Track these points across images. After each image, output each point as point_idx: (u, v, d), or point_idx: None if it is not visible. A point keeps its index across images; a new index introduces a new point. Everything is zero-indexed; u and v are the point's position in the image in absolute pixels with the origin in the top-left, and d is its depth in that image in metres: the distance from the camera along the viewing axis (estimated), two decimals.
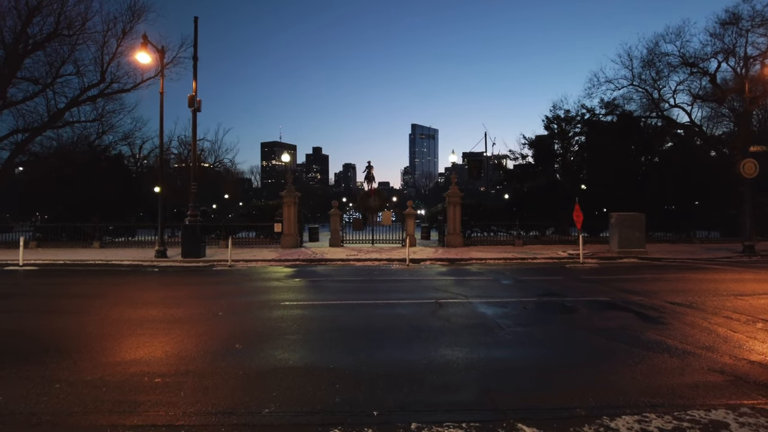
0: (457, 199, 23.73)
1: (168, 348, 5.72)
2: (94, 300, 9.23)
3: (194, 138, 20.16)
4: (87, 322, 7.15)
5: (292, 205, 23.49)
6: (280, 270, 14.93)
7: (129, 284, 11.94)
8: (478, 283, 11.67)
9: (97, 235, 24.04)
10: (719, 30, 25.75)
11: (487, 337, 6.15)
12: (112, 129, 30.92)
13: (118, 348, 5.74)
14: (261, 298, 9.44)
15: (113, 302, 8.95)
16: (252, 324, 7.02)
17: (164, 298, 9.59)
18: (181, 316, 7.62)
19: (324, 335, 6.33)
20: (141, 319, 7.35)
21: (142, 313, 7.82)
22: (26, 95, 27.29)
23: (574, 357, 5.34)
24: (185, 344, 5.88)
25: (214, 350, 5.61)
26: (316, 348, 5.75)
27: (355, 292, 10.48)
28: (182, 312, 7.92)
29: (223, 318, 7.46)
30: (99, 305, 8.55)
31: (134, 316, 7.58)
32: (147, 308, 8.29)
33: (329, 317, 7.53)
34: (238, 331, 6.53)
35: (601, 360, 5.19)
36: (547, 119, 28.36)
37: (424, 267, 15.73)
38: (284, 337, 6.20)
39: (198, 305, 8.53)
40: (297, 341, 6.03)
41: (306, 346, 5.81)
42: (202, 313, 7.78)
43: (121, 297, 9.64)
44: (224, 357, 5.34)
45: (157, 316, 7.65)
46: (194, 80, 19.42)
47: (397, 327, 6.73)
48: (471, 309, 8.05)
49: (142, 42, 18.19)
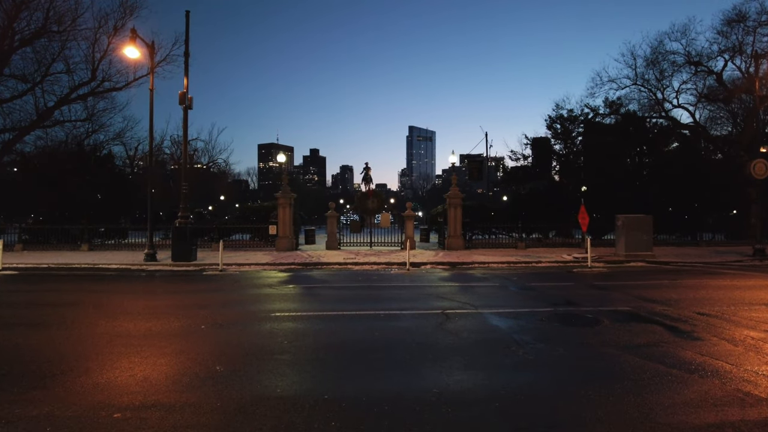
0: (458, 200, 22.99)
1: (138, 371, 4.93)
2: (67, 310, 8.41)
3: (185, 136, 19.36)
4: (51, 339, 6.35)
5: (287, 206, 22.70)
6: (274, 275, 14.15)
7: (110, 291, 11.13)
8: (485, 290, 10.91)
9: (86, 238, 23.18)
10: (725, 28, 25.20)
11: (506, 358, 5.38)
12: (103, 128, 30.11)
13: (79, 372, 4.94)
14: (250, 308, 8.65)
15: (87, 313, 8.15)
16: (237, 340, 6.24)
17: (145, 308, 8.78)
18: (159, 330, 6.84)
19: (318, 355, 5.55)
20: (115, 334, 6.56)
21: (117, 326, 7.03)
22: (14, 93, 26.46)
23: (610, 382, 4.56)
24: (158, 366, 5.10)
25: (190, 374, 4.83)
26: (308, 371, 4.98)
27: (353, 301, 9.70)
28: (162, 325, 7.13)
29: (206, 332, 6.68)
30: (71, 317, 7.75)
31: (108, 330, 6.79)
32: (124, 320, 7.49)
33: (324, 332, 6.75)
34: (221, 350, 5.76)
35: (642, 386, 4.43)
36: (549, 119, 27.66)
37: (425, 271, 14.98)
38: (273, 358, 5.42)
39: (180, 316, 7.75)
40: (287, 362, 5.26)
41: (297, 369, 5.03)
42: (184, 327, 7.00)
43: (97, 306, 8.83)
44: (201, 383, 4.56)
45: (133, 330, 6.86)
46: (186, 77, 18.64)
47: (401, 344, 5.95)
48: (482, 321, 7.29)
49: (131, 36, 17.39)
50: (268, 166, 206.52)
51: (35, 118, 27.26)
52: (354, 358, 5.40)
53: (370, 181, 57.44)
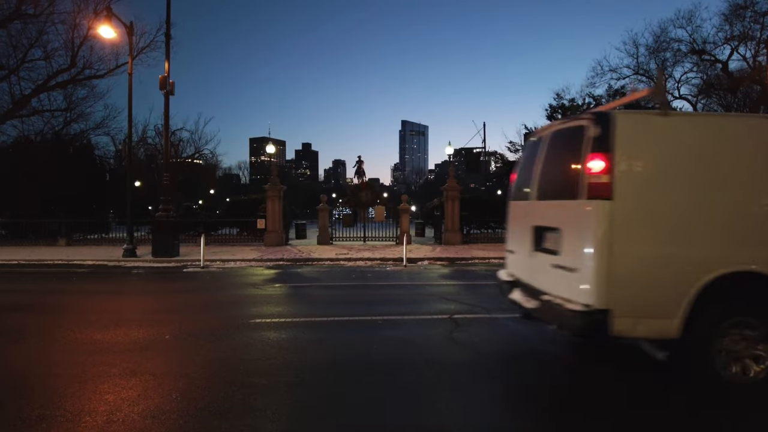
0: (455, 192, 21.89)
1: (61, 404, 3.79)
2: (11, 315, 7.21)
3: (166, 124, 18.04)
4: None
5: (276, 199, 21.46)
6: (260, 272, 13.00)
7: (74, 291, 9.93)
8: (492, 289, 9.78)
9: (64, 232, 21.86)
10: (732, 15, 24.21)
11: (545, 382, 4.28)
12: (83, 117, 28.56)
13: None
14: (228, 313, 7.48)
15: (33, 318, 6.95)
16: (205, 356, 5.10)
17: (106, 312, 7.59)
18: (113, 341, 5.68)
19: (301, 377, 4.42)
20: (54, 347, 5.40)
21: (60, 338, 5.86)
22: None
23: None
24: (92, 396, 3.95)
25: (135, 410, 3.70)
26: (287, 406, 3.85)
27: (346, 302, 8.57)
28: (118, 335, 5.97)
29: (169, 345, 5.54)
30: (11, 324, 6.56)
31: (48, 342, 5.63)
32: (75, 328, 6.31)
33: (311, 345, 5.60)
34: (183, 370, 4.62)
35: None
36: (550, 108, 26.65)
37: (423, 268, 13.90)
38: (243, 383, 4.28)
39: (144, 323, 6.59)
40: (261, 390, 4.12)
41: (273, 403, 3.90)
42: (144, 338, 5.85)
43: (50, 310, 7.65)
44: (140, 426, 3.43)
45: (81, 341, 5.70)
46: (167, 60, 17.32)
47: (407, 363, 4.83)
48: (499, 329, 6.22)
49: (106, 15, 16.07)
50: (260, 160, 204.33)
51: (11, 107, 25.84)
52: (347, 384, 4.29)
53: (363, 175, 56.44)
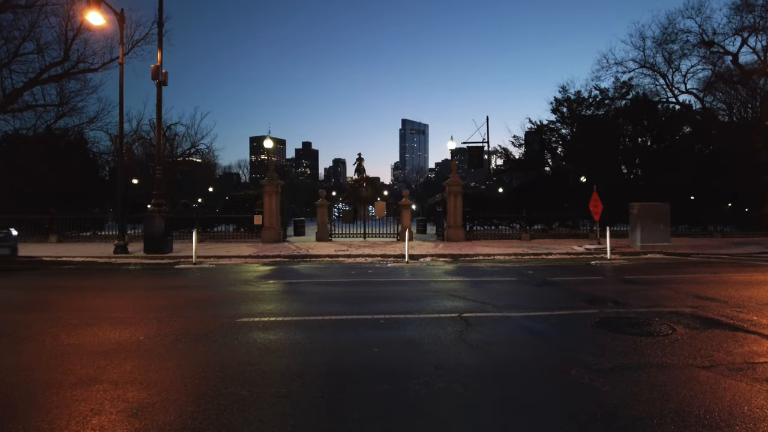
0: (458, 188, 21.29)
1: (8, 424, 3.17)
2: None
3: (159, 116, 17.38)
4: None
5: (274, 194, 20.86)
6: (254, 269, 12.37)
7: (54, 288, 9.30)
8: (502, 286, 9.22)
9: (55, 229, 21.25)
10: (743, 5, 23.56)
11: (571, 392, 3.66)
12: (75, 111, 27.91)
13: None
14: (213, 312, 6.83)
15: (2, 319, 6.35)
16: (177, 362, 4.46)
17: (83, 310, 6.95)
18: (81, 344, 5.05)
19: (290, 389, 3.78)
20: (10, 350, 4.78)
21: (27, 336, 5.22)
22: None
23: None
24: (30, 413, 3.33)
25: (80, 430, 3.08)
26: (270, 426, 3.21)
27: (344, 300, 7.93)
28: (90, 336, 5.35)
29: (144, 348, 4.91)
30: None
31: (5, 344, 5.01)
32: (41, 327, 5.67)
33: (305, 348, 4.96)
34: (148, 377, 3.99)
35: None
36: (555, 101, 25.92)
37: (426, 264, 13.28)
38: (219, 394, 3.65)
39: (122, 324, 5.97)
40: (240, 406, 3.48)
41: (253, 421, 3.24)
42: (118, 340, 5.22)
43: (25, 309, 7.04)
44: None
45: (43, 341, 5.07)
46: (159, 49, 16.74)
47: (414, 369, 4.19)
48: (514, 329, 5.59)
49: (96, 1, 15.40)
50: (260, 159, 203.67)
51: (2, 101, 25.21)
52: (344, 395, 3.65)
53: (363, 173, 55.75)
